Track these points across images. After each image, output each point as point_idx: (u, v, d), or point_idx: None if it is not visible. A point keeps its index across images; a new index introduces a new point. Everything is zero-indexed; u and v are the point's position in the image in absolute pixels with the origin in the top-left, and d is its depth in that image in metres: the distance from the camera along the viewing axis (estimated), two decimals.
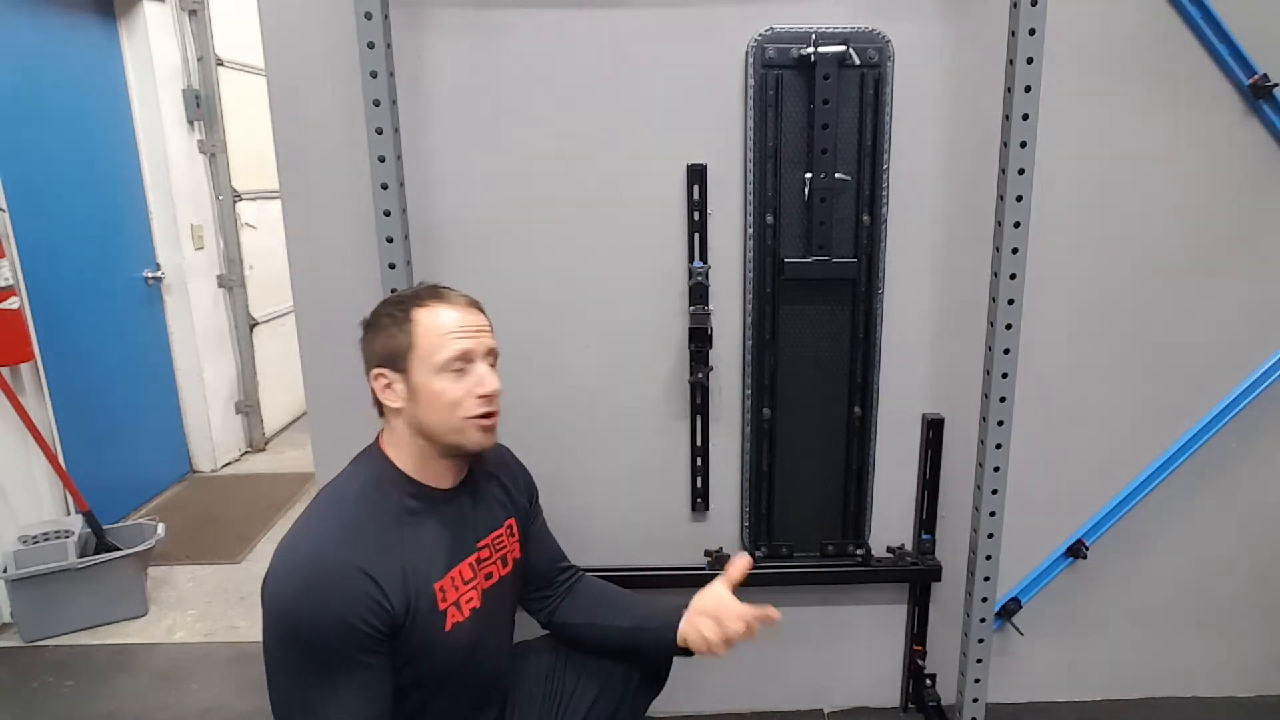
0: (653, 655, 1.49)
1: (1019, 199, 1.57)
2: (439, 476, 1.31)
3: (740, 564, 1.38)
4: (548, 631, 1.56)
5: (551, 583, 1.54)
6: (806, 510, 1.88)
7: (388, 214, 1.59)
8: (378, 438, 1.33)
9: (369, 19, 1.49)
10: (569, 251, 1.75)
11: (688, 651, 1.38)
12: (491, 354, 1.29)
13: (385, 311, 1.29)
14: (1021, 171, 1.55)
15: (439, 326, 1.24)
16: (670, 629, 1.38)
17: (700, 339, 1.72)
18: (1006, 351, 1.66)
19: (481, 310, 1.32)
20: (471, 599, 1.31)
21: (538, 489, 1.56)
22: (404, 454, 1.29)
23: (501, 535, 1.40)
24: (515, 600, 1.48)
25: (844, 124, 1.64)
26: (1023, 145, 1.54)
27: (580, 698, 1.47)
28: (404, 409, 1.26)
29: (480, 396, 1.25)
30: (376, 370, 1.27)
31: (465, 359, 1.24)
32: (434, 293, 1.29)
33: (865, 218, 1.70)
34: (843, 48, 1.58)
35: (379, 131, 1.54)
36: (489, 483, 1.42)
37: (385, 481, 1.27)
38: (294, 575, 1.14)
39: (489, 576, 1.36)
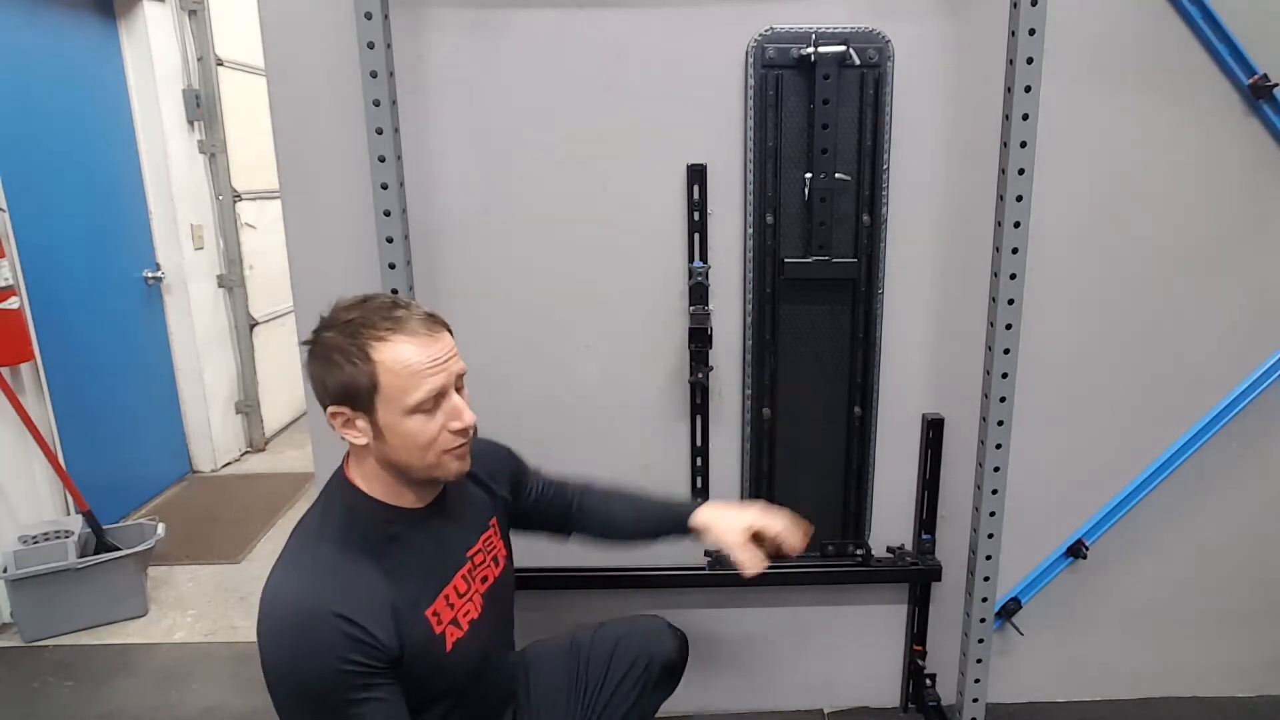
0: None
1: (1019, 199, 1.57)
2: (416, 498, 1.24)
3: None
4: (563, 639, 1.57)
5: (568, 518, 1.54)
6: (806, 510, 1.86)
7: (388, 214, 1.59)
8: (343, 465, 1.24)
9: (369, 19, 1.50)
10: (569, 251, 1.75)
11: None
12: (461, 378, 1.19)
13: (335, 344, 1.13)
14: (1021, 171, 1.55)
15: (406, 366, 1.11)
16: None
17: (700, 339, 1.72)
18: (1006, 351, 1.66)
19: (445, 326, 1.19)
20: (469, 611, 1.28)
21: (521, 463, 1.51)
22: (375, 483, 1.20)
23: (490, 536, 1.38)
24: (512, 594, 1.45)
25: (844, 124, 1.64)
26: (1023, 145, 1.54)
27: (599, 699, 1.47)
28: (370, 445, 1.16)
29: (455, 431, 1.16)
30: (334, 408, 1.14)
31: (439, 396, 1.14)
32: (389, 318, 1.13)
33: (865, 218, 1.70)
34: (843, 48, 1.58)
35: (379, 131, 1.54)
36: (469, 485, 1.36)
37: (359, 515, 1.19)
38: (275, 627, 1.10)
39: (484, 580, 1.34)
